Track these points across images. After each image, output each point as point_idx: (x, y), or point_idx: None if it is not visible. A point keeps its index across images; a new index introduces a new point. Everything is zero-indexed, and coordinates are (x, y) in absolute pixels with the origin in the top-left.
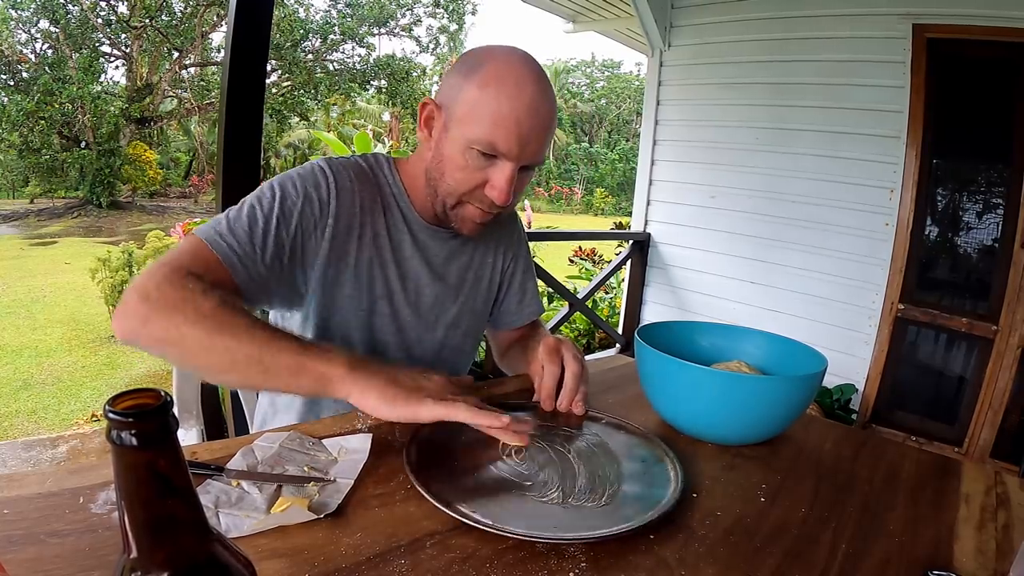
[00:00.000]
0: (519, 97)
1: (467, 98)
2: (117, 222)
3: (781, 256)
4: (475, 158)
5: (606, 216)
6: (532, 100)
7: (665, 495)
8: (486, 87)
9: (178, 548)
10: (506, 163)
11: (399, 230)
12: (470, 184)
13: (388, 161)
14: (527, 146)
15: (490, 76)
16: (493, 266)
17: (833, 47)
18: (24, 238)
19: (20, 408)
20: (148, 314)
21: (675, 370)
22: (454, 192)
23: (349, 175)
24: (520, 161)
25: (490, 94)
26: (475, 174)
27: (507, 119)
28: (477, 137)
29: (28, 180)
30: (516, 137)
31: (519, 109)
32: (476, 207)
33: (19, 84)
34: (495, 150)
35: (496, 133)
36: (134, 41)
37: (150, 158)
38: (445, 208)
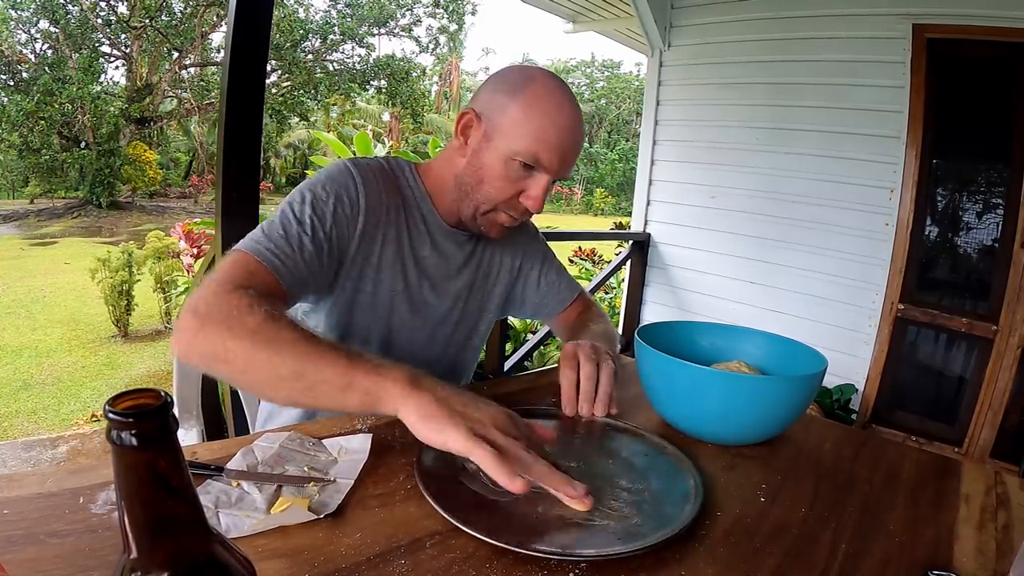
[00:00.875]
0: (562, 117)
1: (513, 114)
2: (117, 222)
3: (781, 256)
4: (516, 169)
5: (606, 216)
6: (572, 122)
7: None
8: (532, 106)
9: (178, 548)
10: (544, 176)
11: (419, 231)
12: (508, 193)
13: (410, 166)
14: (565, 162)
15: (536, 96)
16: (510, 266)
17: (833, 47)
18: (24, 238)
19: (20, 408)
20: (198, 329)
21: (675, 370)
22: (491, 200)
23: (375, 174)
24: (557, 175)
25: (536, 113)
26: (513, 184)
27: (551, 136)
28: (522, 150)
29: (28, 180)
30: (558, 153)
31: (563, 128)
32: (507, 214)
33: (19, 84)
34: (537, 162)
35: (540, 148)
36: (134, 41)
37: (150, 158)
38: (476, 213)
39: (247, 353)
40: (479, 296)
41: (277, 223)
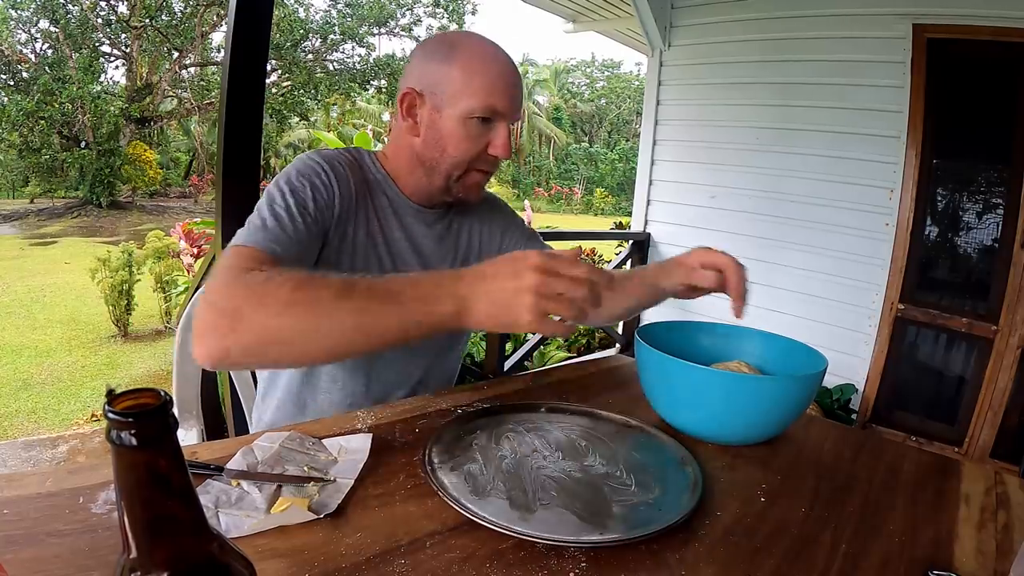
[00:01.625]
0: (499, 64)
1: (456, 77)
2: (117, 222)
3: (781, 256)
4: (475, 126)
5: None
6: (509, 66)
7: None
8: (470, 64)
9: (178, 548)
10: (502, 122)
11: (387, 213)
12: (475, 150)
13: (369, 154)
14: (516, 104)
15: (471, 55)
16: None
17: (833, 47)
18: (24, 238)
19: (20, 408)
20: (231, 322)
21: (675, 370)
22: (461, 162)
23: (339, 162)
24: (512, 118)
25: (477, 68)
26: (478, 140)
27: (497, 84)
28: (476, 106)
29: (28, 180)
30: (508, 96)
31: (505, 73)
32: (479, 170)
33: (19, 84)
34: (494, 112)
35: (492, 98)
36: (134, 41)
37: (150, 158)
38: (449, 182)
39: (297, 326)
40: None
41: (264, 215)
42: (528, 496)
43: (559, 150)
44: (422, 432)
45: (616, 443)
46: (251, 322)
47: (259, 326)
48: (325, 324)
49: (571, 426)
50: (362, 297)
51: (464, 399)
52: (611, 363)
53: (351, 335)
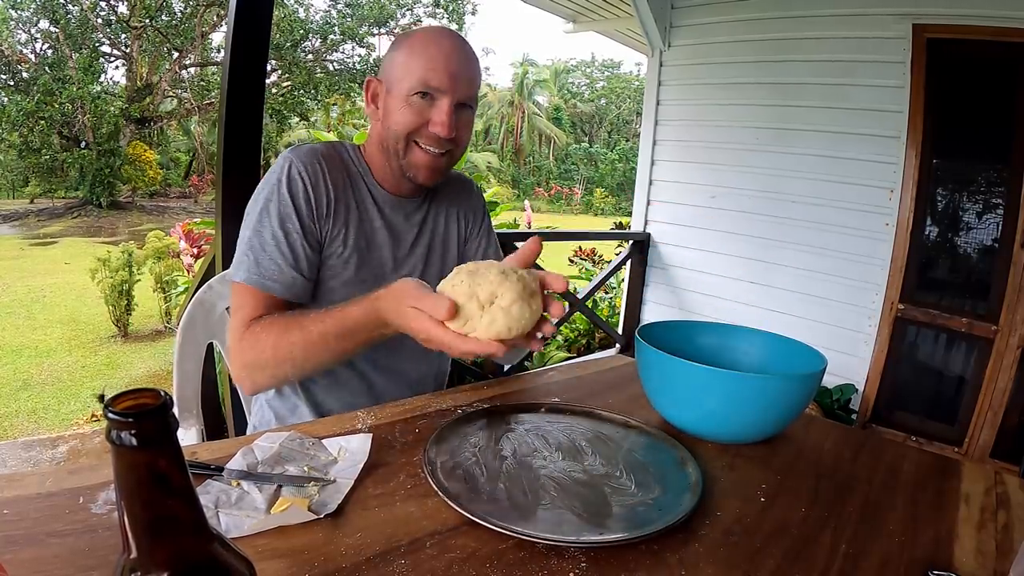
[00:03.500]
0: (442, 44)
1: (400, 61)
2: (117, 222)
3: (781, 256)
4: (416, 101)
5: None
6: (454, 45)
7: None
8: (413, 47)
9: (178, 548)
10: (443, 98)
11: (367, 203)
12: (415, 124)
13: (352, 145)
14: (458, 81)
15: (415, 39)
16: (457, 228)
17: (833, 47)
18: (24, 238)
19: (20, 408)
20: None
21: (676, 369)
22: (401, 135)
23: (317, 159)
24: (455, 95)
25: (417, 49)
26: (418, 116)
27: (435, 59)
28: (415, 81)
29: (28, 180)
30: (446, 72)
31: (446, 50)
32: (423, 150)
33: (19, 84)
34: (430, 86)
35: (428, 73)
36: (134, 41)
37: (150, 158)
38: (399, 160)
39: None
40: (438, 262)
41: (257, 245)
42: (528, 496)
43: (559, 150)
44: (422, 432)
45: (616, 443)
46: (262, 377)
47: (268, 378)
48: (309, 364)
49: (571, 426)
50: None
51: (464, 399)
52: (611, 363)
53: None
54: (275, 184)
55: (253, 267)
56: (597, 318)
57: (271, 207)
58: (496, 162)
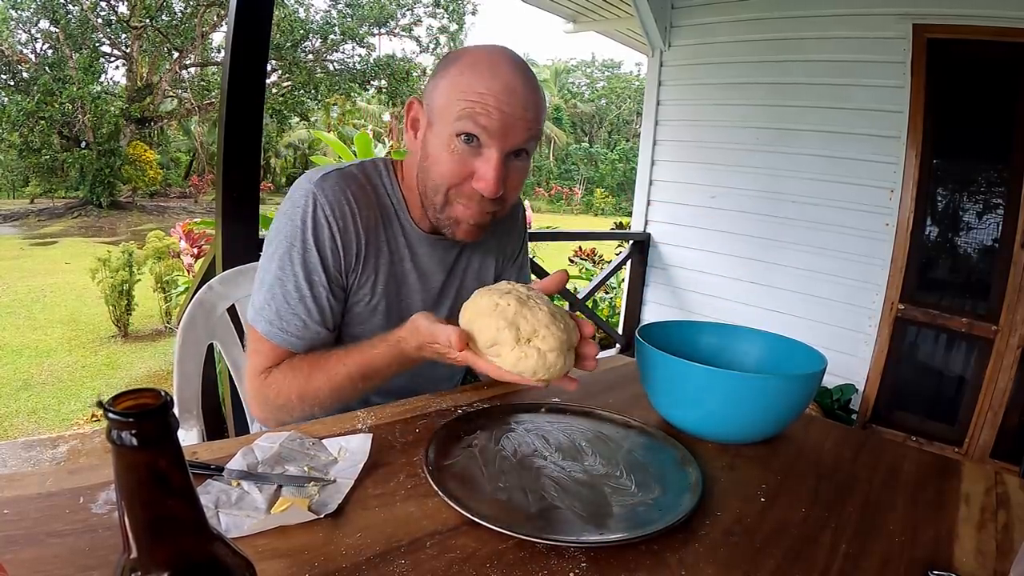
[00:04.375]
0: (495, 79)
1: (444, 89)
2: (117, 222)
3: (781, 256)
4: (460, 148)
5: (606, 216)
6: (509, 81)
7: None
8: (462, 75)
9: (178, 548)
10: (491, 148)
11: (399, 243)
12: (457, 176)
13: (387, 166)
14: (512, 127)
15: (465, 64)
16: (493, 268)
17: (833, 47)
18: (24, 238)
19: (20, 408)
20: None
21: (676, 369)
22: (441, 187)
23: (346, 197)
24: (504, 145)
25: (466, 80)
26: (461, 166)
27: (484, 100)
28: (458, 124)
29: (28, 180)
30: (498, 116)
31: (496, 89)
32: (465, 205)
33: (19, 84)
34: (476, 132)
35: (475, 115)
36: (134, 41)
37: (150, 158)
38: (436, 212)
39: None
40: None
41: (280, 295)
42: (528, 496)
43: (559, 150)
44: (422, 432)
45: (616, 443)
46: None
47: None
48: (339, 403)
49: (571, 426)
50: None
51: (464, 399)
52: (611, 363)
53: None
54: (299, 227)
55: (275, 319)
56: (597, 318)
57: (294, 254)
58: None
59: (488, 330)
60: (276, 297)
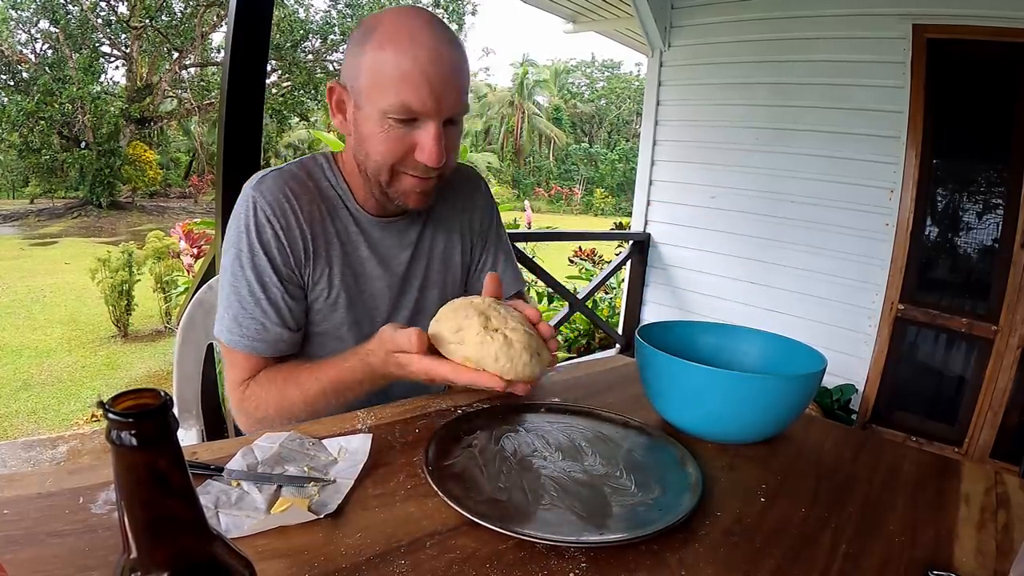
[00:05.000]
0: (418, 49)
1: (366, 67)
2: (117, 222)
3: (781, 256)
4: (394, 126)
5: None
6: (432, 49)
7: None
8: (382, 51)
9: (178, 548)
10: (428, 122)
11: (350, 232)
12: (398, 154)
13: (328, 159)
14: (444, 98)
15: (383, 38)
16: (462, 245)
17: (833, 47)
18: (24, 238)
19: (20, 408)
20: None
21: (676, 369)
22: (384, 166)
23: (284, 195)
24: (441, 115)
25: (389, 56)
26: (400, 142)
27: (413, 75)
28: (390, 105)
29: (28, 180)
30: (429, 91)
31: (422, 61)
32: (411, 176)
33: (19, 84)
34: (411, 112)
35: (407, 94)
36: (134, 41)
37: (150, 158)
38: (383, 188)
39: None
40: (438, 283)
41: (235, 302)
42: (528, 496)
43: (559, 150)
44: (422, 432)
45: (616, 443)
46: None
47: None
48: (317, 414)
49: (571, 426)
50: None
51: (464, 399)
52: (611, 363)
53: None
54: (243, 232)
55: (234, 327)
56: (597, 318)
57: (243, 259)
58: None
59: (455, 318)
60: (232, 305)
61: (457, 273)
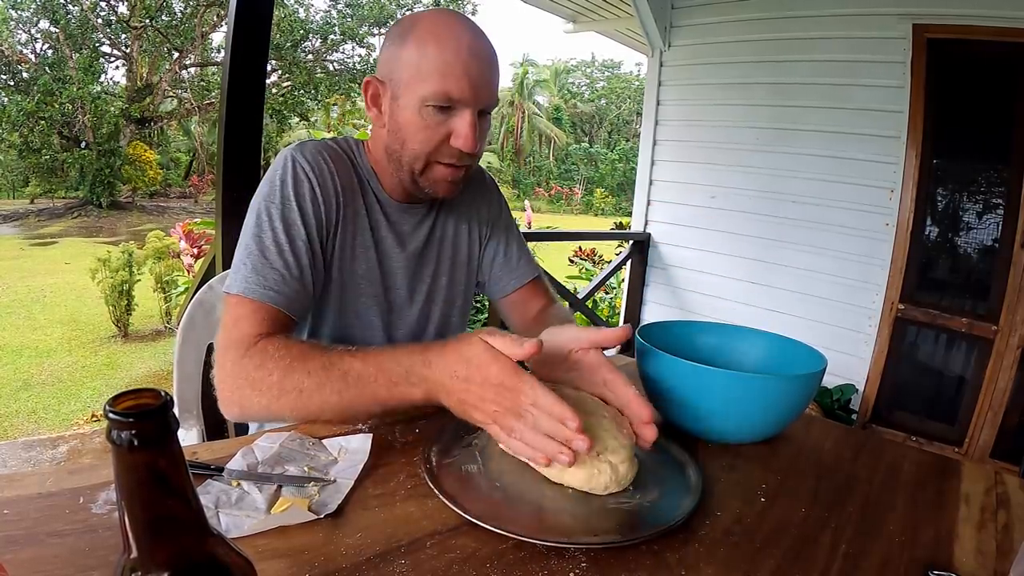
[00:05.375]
0: (459, 44)
1: (408, 61)
2: (117, 222)
3: (781, 256)
4: (432, 115)
5: (606, 216)
6: (472, 44)
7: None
8: (424, 45)
9: (178, 548)
10: (464, 110)
11: (375, 210)
12: (434, 141)
13: (359, 144)
14: (480, 89)
15: (424, 34)
16: (470, 235)
17: (833, 47)
18: (24, 238)
19: (20, 408)
20: (240, 407)
21: (676, 369)
22: (420, 155)
23: (324, 158)
24: (477, 105)
25: (431, 50)
26: (437, 130)
27: (454, 67)
28: (430, 92)
29: (28, 180)
30: (468, 81)
31: (463, 54)
32: (445, 165)
33: (19, 84)
34: (451, 100)
35: (448, 83)
36: (134, 41)
37: (150, 158)
38: (414, 176)
39: (289, 409)
40: (447, 271)
41: (256, 251)
42: (528, 496)
43: (559, 150)
44: (422, 432)
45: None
46: (255, 405)
47: (262, 408)
48: (313, 408)
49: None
50: (339, 383)
51: None
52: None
53: (336, 413)
54: (278, 185)
55: (252, 276)
56: (597, 318)
57: (272, 210)
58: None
59: None
60: (252, 254)
61: (464, 260)
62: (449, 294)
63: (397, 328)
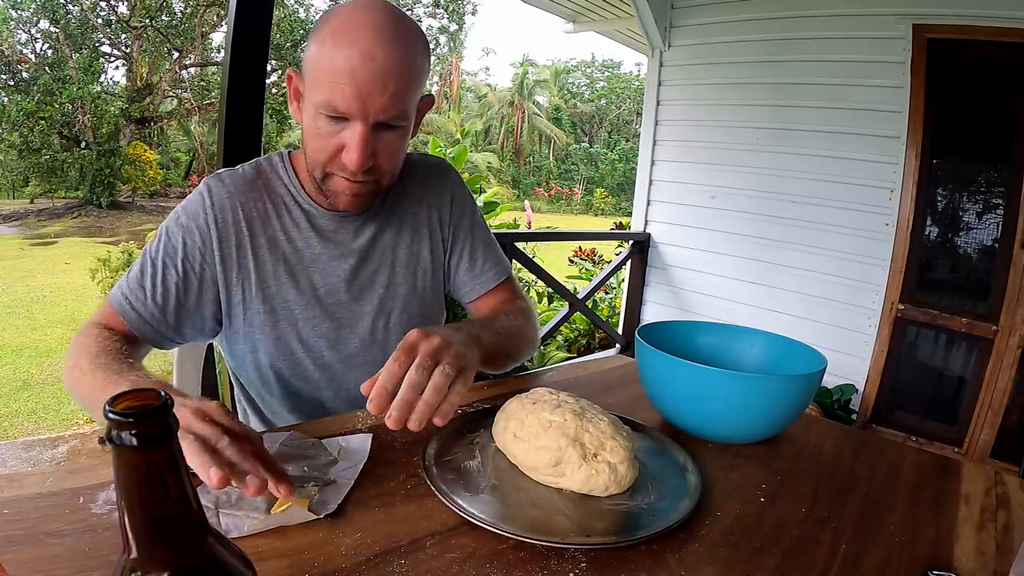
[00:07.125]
0: (352, 48)
1: (310, 60)
2: (117, 222)
3: (781, 256)
4: (325, 123)
5: (606, 216)
6: (366, 48)
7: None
8: (323, 44)
9: (178, 548)
10: (355, 123)
11: (300, 228)
12: (327, 152)
13: (282, 157)
14: (370, 100)
15: (329, 31)
16: (431, 240)
17: (833, 47)
18: (24, 238)
19: (20, 408)
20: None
21: (676, 369)
22: (317, 163)
23: (228, 190)
24: (368, 118)
25: (327, 51)
26: (329, 140)
27: (341, 73)
28: (320, 100)
29: (28, 180)
30: (354, 91)
31: (354, 60)
32: (341, 177)
33: (19, 84)
34: (337, 111)
35: (334, 92)
36: (134, 41)
37: (150, 158)
38: (320, 184)
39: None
40: (405, 282)
41: (138, 266)
42: (528, 496)
43: (559, 150)
44: (422, 432)
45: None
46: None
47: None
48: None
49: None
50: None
51: (464, 399)
52: (611, 363)
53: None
54: (180, 211)
55: (124, 285)
56: (597, 318)
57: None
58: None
59: (549, 450)
60: (135, 267)
61: (428, 270)
62: (407, 302)
63: (347, 342)
